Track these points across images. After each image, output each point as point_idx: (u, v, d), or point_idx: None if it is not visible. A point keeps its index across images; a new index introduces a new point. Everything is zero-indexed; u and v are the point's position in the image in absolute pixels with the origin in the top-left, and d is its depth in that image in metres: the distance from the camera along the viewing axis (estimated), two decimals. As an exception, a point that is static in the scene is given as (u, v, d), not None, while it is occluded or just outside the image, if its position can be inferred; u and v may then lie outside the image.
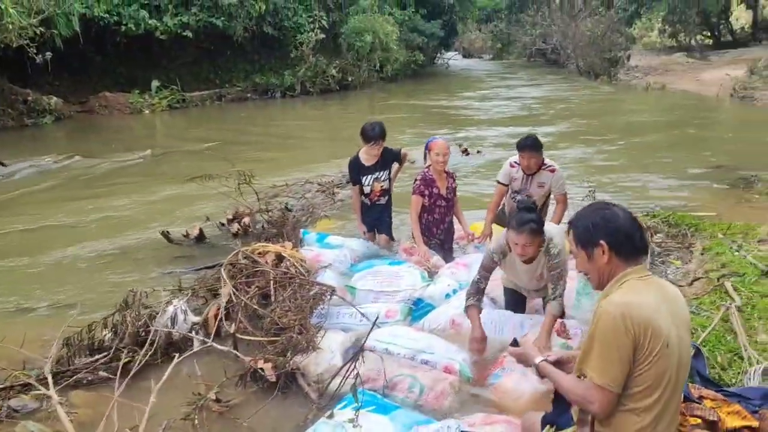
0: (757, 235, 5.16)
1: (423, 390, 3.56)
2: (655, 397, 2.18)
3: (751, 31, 29.12)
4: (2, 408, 3.49)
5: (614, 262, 2.32)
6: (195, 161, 11.16)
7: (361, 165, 5.79)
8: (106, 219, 7.64)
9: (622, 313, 2.15)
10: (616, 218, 2.34)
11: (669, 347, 2.16)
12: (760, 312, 3.66)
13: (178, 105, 19.29)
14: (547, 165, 5.45)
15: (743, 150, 10.30)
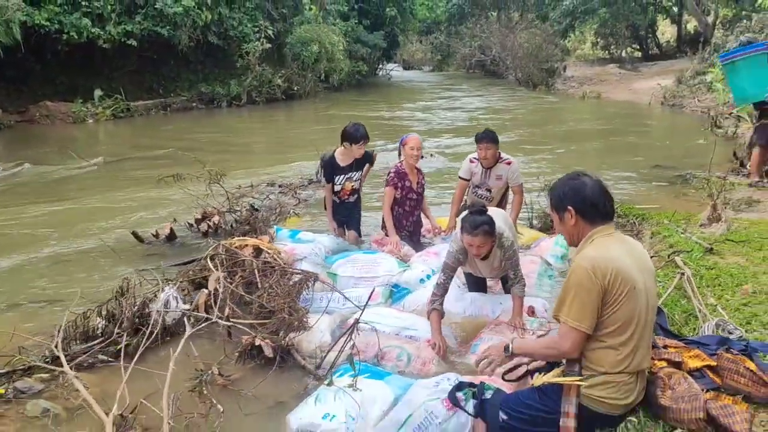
0: (697, 220, 5.68)
1: (410, 358, 3.86)
2: (629, 334, 2.56)
3: (675, 44, 30.71)
4: (8, 390, 3.59)
5: (581, 224, 2.72)
6: (150, 167, 11.15)
7: (336, 165, 6.03)
8: (68, 222, 7.59)
9: (593, 265, 2.54)
10: (584, 187, 2.72)
11: (636, 290, 2.54)
12: (707, 281, 4.10)
13: (122, 114, 19.00)
14: (503, 158, 5.87)
15: (677, 152, 11.05)
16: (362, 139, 5.80)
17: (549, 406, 2.69)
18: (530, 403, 2.75)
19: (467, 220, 3.95)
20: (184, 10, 18.75)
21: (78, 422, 3.37)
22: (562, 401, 2.63)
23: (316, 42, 22.97)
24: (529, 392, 2.81)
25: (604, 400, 2.59)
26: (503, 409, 2.77)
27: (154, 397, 3.41)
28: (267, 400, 3.62)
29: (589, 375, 2.60)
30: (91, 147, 14.25)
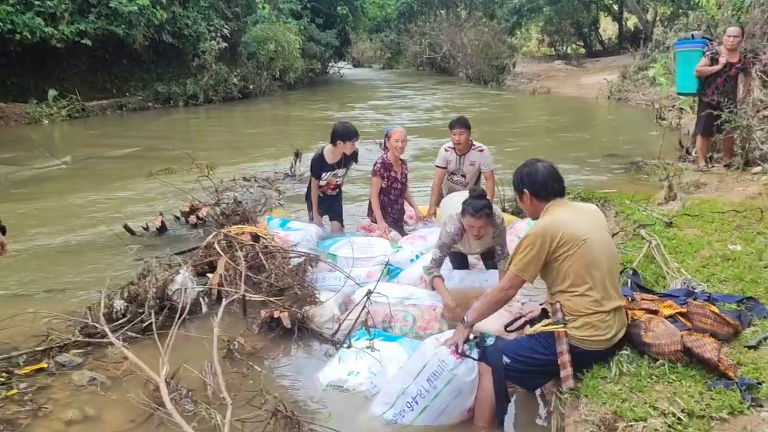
0: (656, 200, 6.30)
1: (415, 319, 4.33)
2: (594, 280, 3.09)
3: (617, 41, 31.99)
4: (50, 364, 3.88)
5: (535, 202, 3.34)
6: (120, 165, 11.34)
7: (324, 162, 6.37)
8: (53, 219, 7.73)
9: (542, 228, 3.16)
10: (536, 173, 3.35)
11: (588, 242, 3.11)
12: (669, 249, 4.66)
13: (78, 115, 18.81)
14: (476, 146, 6.39)
15: (628, 141, 11.81)
16: (354, 136, 6.17)
17: (545, 350, 3.18)
18: (529, 348, 3.24)
19: (470, 205, 4.38)
20: (139, 8, 18.68)
21: (123, 389, 3.70)
22: (556, 344, 3.12)
23: (273, 41, 23.12)
24: (526, 340, 3.31)
25: (588, 338, 3.12)
26: (506, 354, 3.24)
27: (189, 365, 3.78)
28: (292, 365, 4.02)
29: (570, 320, 3.12)
30: (51, 147, 14.18)
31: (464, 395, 3.30)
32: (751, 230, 4.97)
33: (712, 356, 2.91)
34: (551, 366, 3.15)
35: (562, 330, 3.11)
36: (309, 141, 11.16)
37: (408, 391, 3.32)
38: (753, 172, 7.28)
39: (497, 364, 3.25)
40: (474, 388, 3.30)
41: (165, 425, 3.31)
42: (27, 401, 3.50)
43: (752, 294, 3.73)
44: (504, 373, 3.25)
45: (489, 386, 3.24)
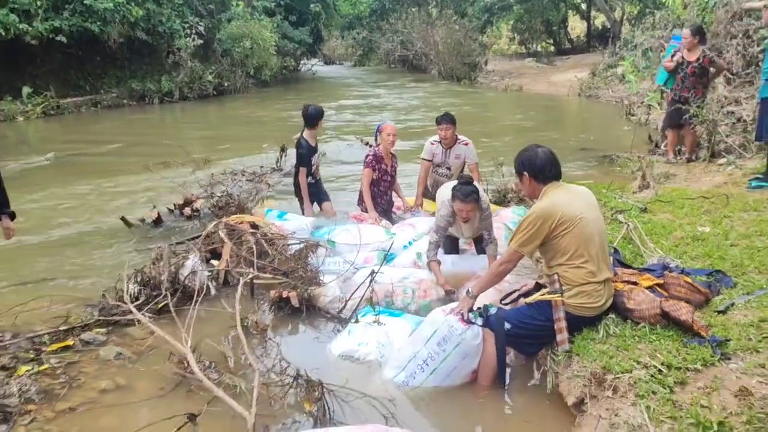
0: (630, 189, 6.75)
1: (414, 291, 4.69)
2: (589, 254, 3.47)
3: (586, 39, 32.72)
4: (76, 342, 4.13)
5: (534, 184, 3.68)
6: (106, 161, 11.46)
7: (310, 147, 6.79)
8: (48, 214, 7.89)
9: (542, 210, 3.51)
10: (535, 157, 3.70)
11: (584, 220, 3.48)
12: (645, 232, 5.06)
13: (53, 112, 18.77)
14: (461, 139, 6.75)
15: (599, 136, 12.27)
16: (320, 116, 6.82)
17: (543, 317, 3.54)
18: (528, 315, 3.61)
19: (459, 190, 4.75)
20: (114, 5, 18.69)
21: (149, 362, 3.98)
22: (553, 311, 3.49)
23: (248, 38, 23.25)
24: (526, 308, 3.67)
25: (583, 305, 3.50)
26: (508, 320, 3.61)
27: (206, 341, 4.07)
28: (303, 339, 4.34)
29: (566, 289, 3.49)
30: (30, 144, 14.22)
31: (470, 358, 3.65)
32: (718, 214, 5.40)
33: (687, 318, 3.30)
34: (548, 331, 3.52)
35: (560, 298, 3.47)
36: (286, 137, 11.38)
37: (419, 354, 3.65)
38: (719, 164, 7.75)
39: (499, 330, 3.59)
40: (479, 352, 3.66)
41: (193, 392, 3.61)
42: (60, 374, 3.75)
43: (720, 268, 4.13)
44: (505, 338, 3.58)
45: (492, 350, 3.60)
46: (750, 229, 4.84)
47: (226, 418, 3.34)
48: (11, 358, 3.90)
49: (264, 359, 3.89)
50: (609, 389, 3.05)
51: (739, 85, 10.47)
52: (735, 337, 3.24)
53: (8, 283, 5.61)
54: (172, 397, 3.61)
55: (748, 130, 8.30)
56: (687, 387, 2.93)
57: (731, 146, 8.08)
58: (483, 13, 31.38)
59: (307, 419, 3.34)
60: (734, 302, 3.63)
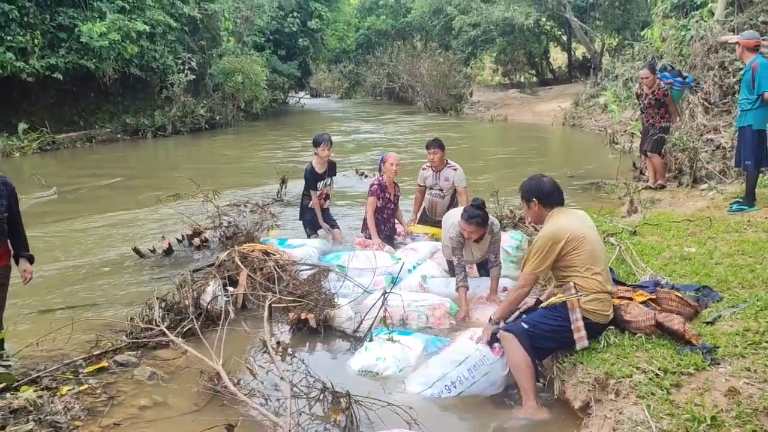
0: (619, 213, 7.17)
1: (428, 317, 5.02)
2: (599, 267, 3.85)
3: (567, 70, 33.64)
4: (111, 364, 4.40)
5: (541, 210, 4.04)
6: (109, 194, 11.73)
7: (316, 173, 7.31)
8: (58, 244, 8.15)
9: (551, 234, 3.87)
10: (542, 184, 4.10)
11: (588, 238, 3.87)
12: (636, 252, 5.43)
13: (48, 147, 19.02)
14: (450, 164, 7.26)
15: (585, 164, 12.76)
16: (322, 140, 7.30)
17: (559, 319, 3.82)
18: (544, 317, 3.87)
19: (467, 211, 5.19)
20: (109, 43, 19.05)
21: (182, 380, 4.25)
22: (570, 314, 3.78)
23: (240, 72, 23.73)
24: (541, 311, 3.94)
25: (597, 311, 3.81)
26: (525, 321, 3.88)
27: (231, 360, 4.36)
28: (323, 356, 4.64)
29: (582, 294, 3.80)
30: (29, 179, 14.44)
31: (495, 386, 3.98)
32: (702, 236, 5.79)
33: (679, 328, 3.65)
34: (564, 333, 3.80)
35: (576, 299, 3.77)
36: (283, 169, 11.71)
37: (448, 376, 3.94)
38: (701, 189, 8.19)
39: (518, 329, 3.85)
40: (505, 381, 3.97)
41: (226, 406, 3.89)
42: (100, 393, 4.02)
43: (707, 284, 4.51)
44: (525, 336, 3.82)
45: (517, 350, 3.77)
46: (732, 249, 5.24)
47: (260, 429, 3.63)
48: (51, 380, 4.15)
49: (291, 374, 4.16)
50: (612, 392, 3.38)
51: (717, 113, 10.99)
52: (723, 344, 3.60)
53: (30, 313, 5.85)
54: (207, 412, 3.87)
55: (727, 157, 8.77)
56: (682, 389, 3.27)
57: (712, 172, 8.53)
58: (467, 45, 32.19)
59: (334, 428, 3.62)
60: (721, 314, 3.99)
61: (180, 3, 22.22)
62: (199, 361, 4.28)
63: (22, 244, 4.57)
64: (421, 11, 36.11)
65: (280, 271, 5.68)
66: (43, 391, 3.93)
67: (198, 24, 23.59)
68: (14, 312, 5.65)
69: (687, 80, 9.20)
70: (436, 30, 35.30)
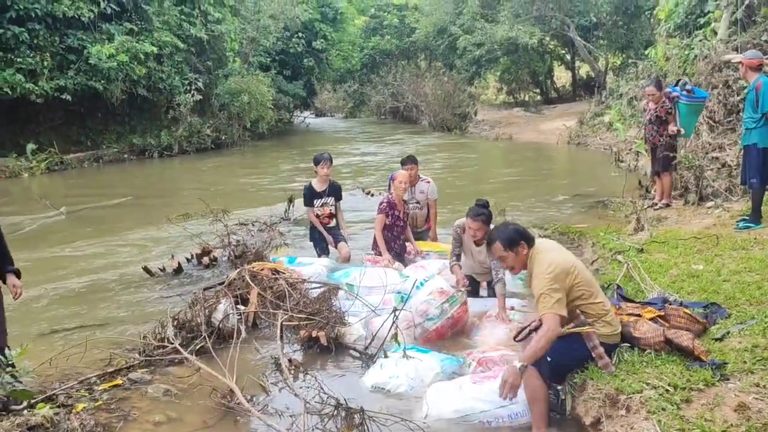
0: (626, 232, 7.21)
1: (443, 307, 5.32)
2: (595, 290, 3.91)
3: (571, 88, 33.81)
4: (124, 381, 4.45)
5: (527, 250, 3.96)
6: (118, 213, 11.84)
7: (313, 191, 7.57)
8: (67, 263, 8.23)
9: (556, 266, 3.77)
10: (518, 227, 4.10)
11: (577, 266, 3.91)
12: (644, 270, 5.48)
13: (56, 167, 19.19)
14: (423, 178, 7.65)
15: (590, 182, 12.83)
16: (321, 159, 7.51)
17: (580, 350, 3.83)
18: (565, 347, 3.79)
19: (471, 209, 5.38)
20: (118, 64, 19.27)
21: (194, 397, 4.29)
22: (587, 341, 3.80)
23: (246, 92, 23.94)
24: (560, 345, 3.76)
25: (609, 334, 3.86)
26: (548, 354, 3.74)
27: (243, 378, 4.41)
28: (335, 374, 4.68)
29: (593, 321, 3.84)
30: (37, 200, 14.55)
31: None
32: (709, 253, 5.83)
33: (688, 344, 3.68)
34: (585, 360, 3.85)
35: (590, 330, 3.78)
36: (291, 189, 11.80)
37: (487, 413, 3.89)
38: (707, 207, 8.24)
39: (542, 364, 3.77)
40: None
41: (239, 423, 3.93)
42: (115, 409, 4.06)
43: (715, 301, 4.55)
44: (546, 370, 3.80)
45: (537, 380, 3.73)
46: (740, 266, 5.28)
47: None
48: (66, 397, 4.20)
49: (303, 391, 4.20)
50: (622, 408, 3.41)
51: (722, 132, 11.06)
52: (732, 360, 3.63)
53: (39, 332, 5.90)
54: (219, 428, 3.92)
55: (733, 175, 8.82)
56: (692, 404, 3.30)
57: (718, 190, 8.58)
58: (471, 65, 32.36)
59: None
60: (729, 330, 4.03)
61: (187, 24, 22.47)
62: (212, 378, 4.34)
63: (7, 259, 4.52)
64: (425, 31, 36.35)
65: (290, 289, 5.71)
66: (59, 408, 3.98)
67: (205, 45, 23.82)
68: (26, 331, 5.74)
69: (697, 95, 9.01)
70: (441, 49, 35.53)
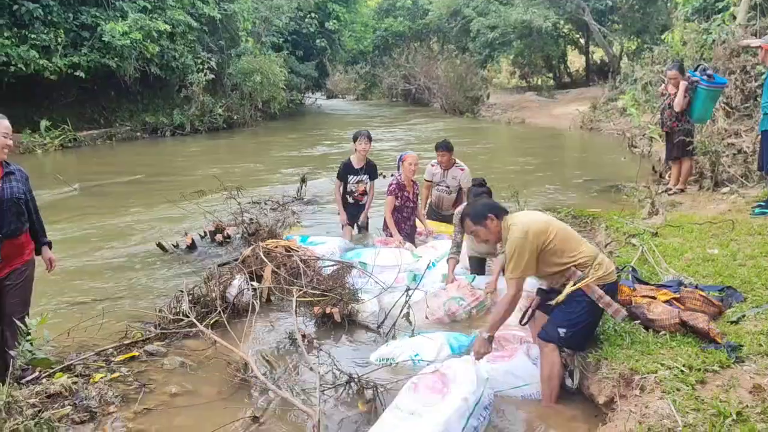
0: (640, 216, 7.18)
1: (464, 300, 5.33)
2: (577, 241, 3.89)
3: (584, 73, 33.53)
4: (141, 353, 4.50)
5: (497, 222, 3.93)
6: (131, 191, 11.89)
7: (350, 166, 7.47)
8: (81, 239, 8.28)
9: (520, 232, 3.75)
10: (487, 201, 4.18)
11: (552, 223, 3.88)
12: (659, 254, 5.47)
13: (70, 145, 19.27)
14: (458, 164, 7.44)
15: (603, 167, 12.78)
16: (360, 135, 7.42)
17: (585, 304, 3.78)
18: (571, 310, 3.80)
19: (472, 190, 5.44)
20: (131, 42, 19.27)
21: (209, 370, 4.34)
22: (591, 295, 3.75)
23: (259, 72, 23.90)
24: (565, 307, 3.82)
25: (605, 275, 3.79)
26: (560, 326, 3.80)
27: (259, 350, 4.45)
28: (347, 349, 4.71)
29: (588, 270, 3.78)
30: (51, 175, 14.64)
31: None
32: (725, 238, 5.80)
33: (704, 326, 3.68)
34: (595, 313, 3.82)
35: (589, 281, 3.74)
36: (302, 169, 11.77)
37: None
38: (722, 192, 8.18)
39: (556, 338, 3.81)
40: None
41: (254, 395, 3.98)
42: (132, 381, 4.12)
43: (730, 285, 4.53)
44: (564, 343, 3.84)
45: (556, 359, 3.79)
46: (756, 251, 5.25)
47: (288, 417, 3.72)
48: (84, 368, 4.26)
49: (318, 366, 4.24)
50: (636, 388, 3.42)
51: (738, 118, 10.96)
52: (747, 343, 3.63)
53: (57, 306, 5.96)
54: (234, 400, 3.97)
55: (749, 161, 8.75)
56: (707, 385, 3.31)
57: (733, 176, 8.52)
58: (484, 48, 32.14)
59: (361, 418, 3.69)
60: (745, 314, 4.03)
61: (200, 3, 22.42)
62: (227, 351, 4.38)
63: (41, 230, 4.57)
64: (438, 13, 36.11)
65: (304, 267, 5.74)
66: (77, 377, 4.03)
67: (217, 24, 23.78)
68: (41, 303, 5.79)
69: (717, 80, 8.88)
70: (454, 32, 35.30)
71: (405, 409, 3.41)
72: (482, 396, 3.54)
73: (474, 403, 3.45)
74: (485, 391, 3.59)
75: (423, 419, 3.30)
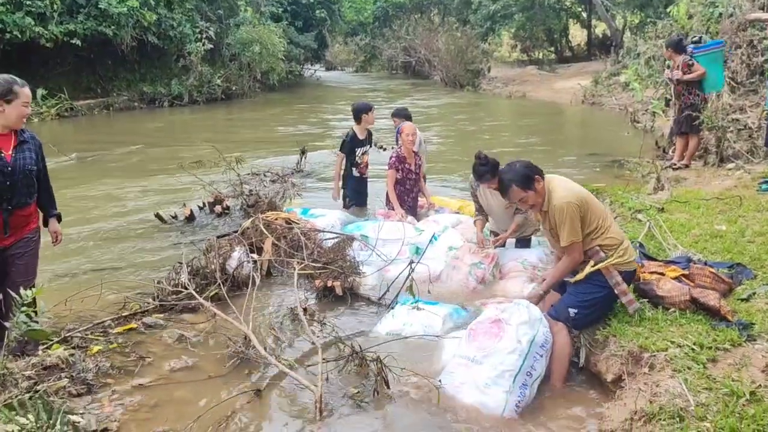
0: (645, 191, 7.08)
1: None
2: (608, 219, 3.83)
3: (586, 47, 33.17)
4: (139, 325, 4.43)
5: (542, 182, 3.79)
6: (129, 161, 11.76)
7: (357, 138, 7.30)
8: (78, 208, 8.14)
9: (572, 197, 3.72)
10: (525, 163, 3.88)
11: (589, 195, 3.81)
12: (665, 229, 5.38)
13: (67, 114, 19.05)
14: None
15: (606, 142, 12.65)
16: (370, 107, 7.39)
17: (599, 286, 3.74)
18: (585, 292, 3.77)
19: (475, 171, 5.10)
20: (128, 10, 18.97)
21: (208, 343, 4.28)
22: (608, 278, 3.71)
23: (258, 43, 23.59)
24: (579, 286, 3.79)
25: (627, 261, 3.75)
26: (570, 306, 3.76)
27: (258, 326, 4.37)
28: (349, 322, 4.65)
29: (612, 252, 3.73)
30: (48, 145, 14.46)
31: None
32: (732, 214, 5.72)
33: (714, 303, 3.61)
34: (610, 300, 3.80)
35: (609, 264, 3.69)
36: (303, 141, 11.64)
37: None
38: (727, 168, 8.08)
39: (566, 318, 3.75)
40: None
41: (254, 369, 3.91)
42: (130, 353, 4.05)
43: (740, 261, 4.45)
44: (572, 323, 3.78)
45: (566, 339, 3.73)
46: (765, 228, 5.17)
47: (287, 393, 3.65)
48: (81, 339, 4.19)
49: (320, 339, 4.17)
50: (646, 366, 3.35)
51: (743, 93, 10.82)
52: (759, 321, 3.57)
53: (53, 275, 5.88)
54: (234, 375, 3.90)
55: (754, 137, 8.64)
56: (718, 363, 3.24)
57: (739, 152, 8.41)
58: (485, 20, 31.74)
59: (364, 391, 3.63)
60: (756, 291, 3.96)
61: (198, -29, 22.08)
62: (227, 325, 4.31)
63: (51, 201, 4.48)
64: (439, -16, 35.69)
65: (305, 239, 5.65)
66: (74, 349, 3.96)
67: (216, -8, 23.45)
68: (40, 273, 5.70)
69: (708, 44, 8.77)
70: (455, 4, 34.88)
71: (465, 356, 3.64)
72: (536, 335, 3.61)
73: (528, 343, 3.55)
74: (540, 329, 3.64)
75: (483, 366, 3.53)
